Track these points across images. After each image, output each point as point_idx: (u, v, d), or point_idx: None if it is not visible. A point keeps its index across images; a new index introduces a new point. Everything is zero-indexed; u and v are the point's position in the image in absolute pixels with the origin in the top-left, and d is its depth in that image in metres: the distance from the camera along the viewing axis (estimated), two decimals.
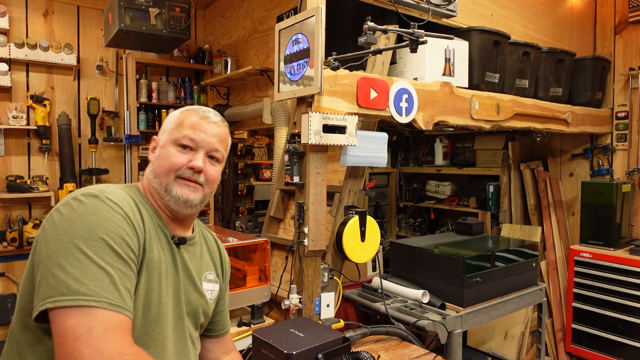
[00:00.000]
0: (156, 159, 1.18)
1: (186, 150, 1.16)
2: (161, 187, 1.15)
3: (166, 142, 1.17)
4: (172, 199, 1.14)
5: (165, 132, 1.19)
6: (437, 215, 4.60)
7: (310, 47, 1.81)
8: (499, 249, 2.52)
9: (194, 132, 1.16)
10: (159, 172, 1.16)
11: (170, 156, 1.15)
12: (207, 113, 1.21)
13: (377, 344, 2.00)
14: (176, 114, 1.22)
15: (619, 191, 3.27)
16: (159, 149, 1.19)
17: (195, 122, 1.17)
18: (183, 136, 1.16)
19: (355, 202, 2.20)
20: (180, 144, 1.15)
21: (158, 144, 1.20)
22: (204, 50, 4.23)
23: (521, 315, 3.36)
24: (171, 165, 1.14)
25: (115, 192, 1.08)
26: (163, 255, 1.13)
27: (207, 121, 1.19)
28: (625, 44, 3.56)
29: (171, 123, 1.20)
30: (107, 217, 1.00)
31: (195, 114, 1.19)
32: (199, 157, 1.16)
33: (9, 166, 3.57)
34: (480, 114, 2.48)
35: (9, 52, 3.45)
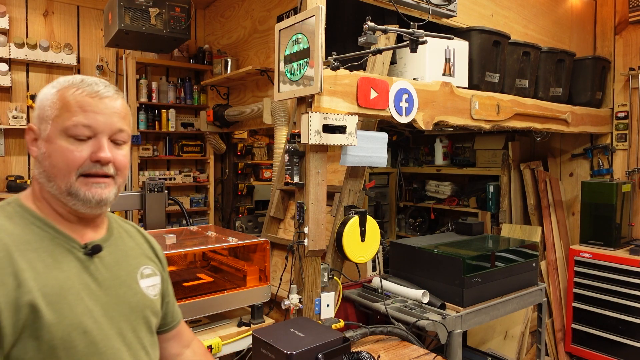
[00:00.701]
0: (44, 158, 0.93)
1: (82, 140, 0.93)
2: (61, 191, 0.93)
3: (53, 134, 0.93)
4: (81, 202, 0.94)
5: (47, 121, 0.94)
6: (437, 215, 4.60)
7: (310, 47, 1.81)
8: (499, 249, 2.52)
9: (86, 115, 0.93)
10: (54, 174, 0.93)
11: (65, 152, 0.92)
12: (96, 86, 0.96)
13: (377, 344, 2.00)
14: (52, 93, 0.95)
15: (619, 191, 3.27)
16: (44, 143, 0.94)
17: (86, 103, 0.93)
18: (74, 125, 0.92)
19: (355, 202, 2.20)
20: (73, 134, 0.92)
21: (39, 137, 0.95)
22: (204, 50, 4.23)
23: (521, 315, 3.36)
24: (69, 163, 0.92)
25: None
26: (68, 279, 0.92)
27: (100, 97, 0.95)
28: (625, 44, 3.56)
29: (51, 107, 0.94)
30: None
31: (81, 90, 0.94)
32: (103, 145, 0.94)
33: (9, 166, 3.57)
34: (480, 114, 2.48)
35: (9, 52, 3.45)
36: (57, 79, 0.99)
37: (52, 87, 0.97)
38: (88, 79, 0.97)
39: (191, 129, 4.28)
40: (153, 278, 1.12)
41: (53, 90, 0.95)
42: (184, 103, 4.25)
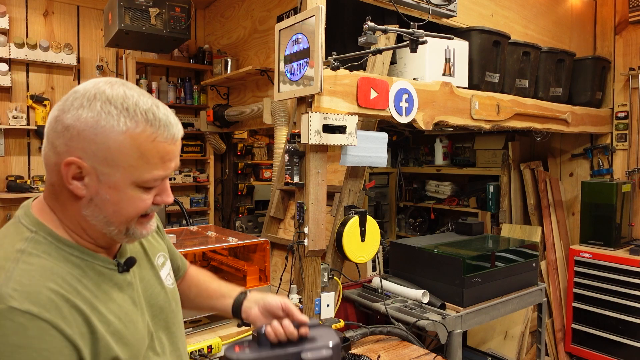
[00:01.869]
0: (107, 204, 0.82)
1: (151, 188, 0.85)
2: (120, 233, 0.85)
3: (123, 183, 0.81)
4: (134, 239, 0.88)
5: (114, 166, 0.79)
6: (437, 215, 4.60)
7: (310, 47, 1.81)
8: (499, 249, 2.52)
9: (165, 167, 0.83)
10: (118, 220, 0.84)
11: (137, 201, 0.83)
12: (171, 126, 0.83)
13: (377, 344, 2.00)
14: (121, 134, 0.78)
15: (619, 191, 3.27)
16: (107, 189, 0.81)
17: (164, 152, 0.82)
18: (154, 179, 0.83)
19: (355, 202, 2.20)
20: (149, 186, 0.84)
21: (93, 177, 0.80)
22: (204, 50, 4.23)
23: (521, 315, 3.36)
24: (139, 211, 0.85)
25: (20, 282, 0.73)
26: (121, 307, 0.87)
27: (174, 141, 0.84)
28: (625, 44, 3.56)
29: (123, 153, 0.79)
30: (17, 344, 0.69)
31: (158, 135, 0.81)
32: (169, 190, 0.88)
33: (9, 166, 3.57)
34: (480, 114, 2.48)
35: (9, 52, 3.45)
36: (109, 97, 0.79)
37: (116, 121, 0.78)
38: (158, 113, 0.81)
39: (191, 129, 4.28)
40: (166, 265, 1.07)
41: (121, 128, 0.78)
42: (184, 103, 4.25)
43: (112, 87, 0.80)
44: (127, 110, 0.79)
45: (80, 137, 0.78)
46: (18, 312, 0.70)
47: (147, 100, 0.82)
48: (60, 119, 0.79)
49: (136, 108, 0.79)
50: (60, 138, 0.79)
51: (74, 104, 0.79)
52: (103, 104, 0.78)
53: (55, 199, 0.85)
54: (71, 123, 0.78)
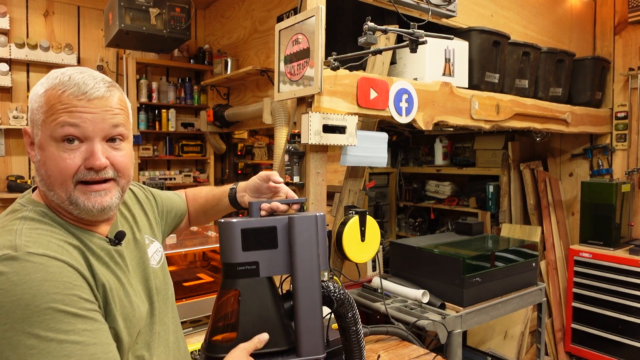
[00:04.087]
0: (40, 165, 0.87)
1: (73, 143, 0.85)
2: (62, 200, 0.87)
3: (44, 140, 0.85)
4: (83, 211, 0.88)
5: (37, 125, 0.86)
6: (437, 215, 4.60)
7: (310, 47, 1.81)
8: (499, 249, 2.53)
9: (72, 115, 0.84)
10: (52, 183, 0.86)
11: (57, 159, 0.85)
12: (85, 86, 0.86)
13: (377, 343, 2.00)
14: (40, 94, 0.86)
15: (618, 191, 3.27)
16: (38, 150, 0.87)
17: (71, 105, 0.84)
18: (61, 126, 0.83)
19: (355, 202, 2.20)
20: (60, 137, 0.84)
21: (35, 142, 0.88)
22: (204, 50, 4.23)
23: (521, 315, 3.36)
24: (62, 171, 0.85)
25: (30, 236, 0.80)
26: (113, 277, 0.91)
27: (88, 98, 0.85)
28: (625, 44, 3.56)
29: (39, 110, 0.86)
30: (42, 279, 0.75)
31: (67, 91, 0.84)
32: (97, 149, 0.86)
33: (9, 166, 3.57)
34: (480, 114, 2.48)
35: (10, 53, 3.45)
36: (49, 73, 0.89)
37: (40, 86, 0.88)
38: (77, 76, 0.86)
39: (191, 129, 4.29)
40: (153, 245, 1.11)
41: (41, 90, 0.87)
42: (184, 103, 4.26)
43: (64, 70, 0.89)
44: (50, 76, 0.88)
45: (29, 108, 0.90)
46: (36, 256, 0.77)
47: (77, 72, 0.88)
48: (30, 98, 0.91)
49: (62, 76, 0.87)
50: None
51: None
52: (44, 80, 0.89)
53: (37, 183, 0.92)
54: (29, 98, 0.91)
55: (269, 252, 1.00)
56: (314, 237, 1.01)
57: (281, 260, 1.01)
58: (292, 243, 1.00)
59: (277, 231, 1.01)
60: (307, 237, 1.00)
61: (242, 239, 0.99)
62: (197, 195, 1.41)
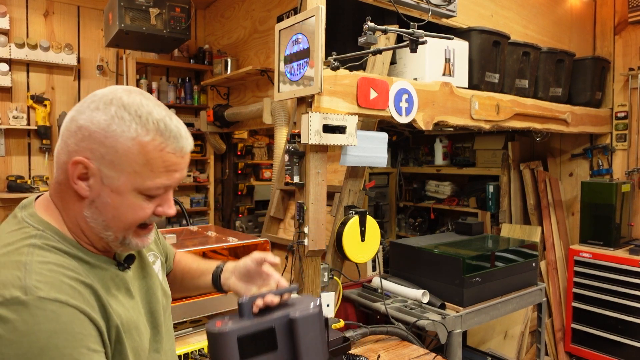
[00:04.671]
0: (107, 208, 0.83)
1: (153, 197, 0.86)
2: (116, 240, 0.86)
3: (125, 188, 0.82)
4: (124, 248, 0.88)
5: (119, 170, 0.80)
6: (437, 215, 4.60)
7: (310, 47, 1.81)
8: (499, 249, 2.53)
9: (169, 177, 0.84)
10: (116, 226, 0.84)
11: (137, 209, 0.84)
12: (181, 139, 0.84)
13: (377, 343, 2.00)
14: (131, 140, 0.79)
15: (618, 191, 3.27)
16: (109, 192, 0.82)
17: (170, 163, 0.83)
18: (157, 187, 0.83)
19: (355, 202, 2.20)
20: (151, 194, 0.84)
21: (98, 179, 0.81)
22: (204, 50, 4.23)
23: (521, 315, 3.37)
24: (137, 220, 0.85)
25: (41, 274, 0.75)
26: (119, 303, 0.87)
27: (182, 154, 0.85)
28: (625, 44, 3.56)
29: (129, 159, 0.80)
30: (52, 330, 0.71)
31: (167, 145, 0.82)
32: (171, 202, 0.88)
33: (9, 166, 3.57)
34: (480, 114, 2.48)
35: (10, 53, 3.45)
36: (124, 104, 0.81)
37: (127, 127, 0.79)
38: (170, 124, 0.83)
39: (191, 129, 4.29)
40: (157, 263, 1.08)
41: (131, 134, 0.79)
42: (184, 103, 4.26)
43: (129, 95, 0.83)
44: (140, 118, 0.81)
45: (91, 138, 0.80)
46: (47, 301, 0.72)
47: (161, 111, 0.83)
48: (75, 119, 0.82)
49: (149, 116, 0.81)
50: (72, 137, 0.81)
51: (90, 106, 0.82)
52: (117, 109, 0.80)
53: (60, 197, 0.86)
54: (84, 124, 0.80)
55: (268, 356, 0.94)
56: (318, 334, 0.96)
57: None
58: (297, 346, 0.94)
59: (276, 332, 0.95)
60: (312, 337, 0.95)
61: (239, 348, 0.92)
62: (181, 258, 1.30)
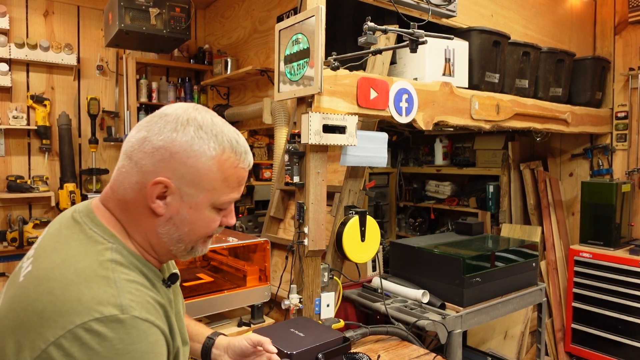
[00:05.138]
0: (184, 223, 0.86)
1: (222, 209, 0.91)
2: (185, 250, 0.90)
3: (203, 204, 0.86)
4: (190, 255, 0.93)
5: (199, 189, 0.85)
6: (437, 215, 4.60)
7: (310, 47, 1.81)
8: (499, 249, 2.53)
9: (239, 190, 0.90)
10: (190, 239, 0.89)
11: (210, 222, 0.89)
12: (250, 157, 0.91)
13: (377, 343, 2.00)
14: (211, 159, 0.84)
15: (618, 191, 3.27)
16: (187, 209, 0.85)
17: (243, 177, 0.90)
18: (230, 201, 0.89)
19: (355, 202, 2.20)
20: (223, 208, 0.90)
21: (176, 197, 0.84)
22: (204, 50, 4.23)
23: (521, 315, 3.36)
24: (209, 232, 0.90)
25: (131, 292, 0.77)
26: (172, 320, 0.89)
27: (249, 167, 0.92)
28: (625, 44, 3.56)
29: (209, 178, 0.85)
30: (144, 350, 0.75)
31: (243, 163, 0.88)
32: (234, 212, 0.94)
33: (9, 166, 3.57)
34: (480, 114, 2.48)
35: (9, 52, 3.45)
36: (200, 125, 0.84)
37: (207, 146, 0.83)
38: (240, 140, 0.88)
39: None
40: None
41: (211, 153, 0.84)
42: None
43: (201, 114, 0.86)
44: (216, 137, 0.85)
45: (172, 158, 0.82)
46: (140, 321, 0.75)
47: (230, 128, 0.89)
48: (150, 140, 0.83)
49: (223, 136, 0.86)
50: (148, 158, 0.83)
51: (166, 127, 0.83)
52: (196, 130, 0.84)
53: (127, 213, 0.86)
54: (163, 145, 0.82)
55: None
56: None
57: None
58: None
59: None
60: None
61: None
62: None
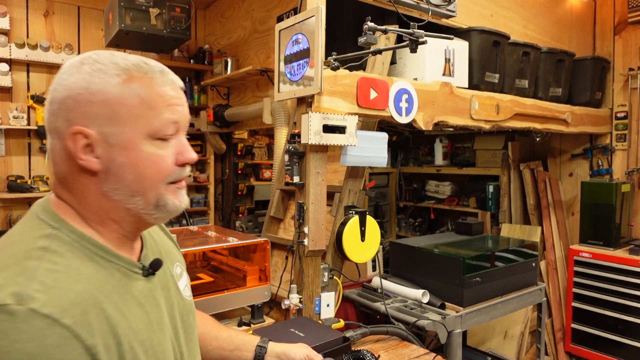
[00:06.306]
0: (124, 169, 0.74)
1: (168, 141, 0.78)
2: (148, 205, 0.77)
3: (135, 139, 0.74)
4: (167, 213, 0.79)
5: (124, 123, 0.73)
6: (437, 215, 4.60)
7: (310, 47, 1.81)
8: (499, 249, 2.53)
9: (173, 110, 0.77)
10: (142, 187, 0.76)
11: (156, 159, 0.76)
12: (170, 75, 0.79)
13: (377, 343, 2.00)
14: (117, 86, 0.73)
15: (618, 191, 3.27)
16: (119, 151, 0.74)
17: (170, 96, 0.77)
18: (165, 124, 0.76)
19: (355, 202, 2.20)
20: (161, 136, 0.76)
21: (101, 143, 0.73)
22: (204, 50, 4.23)
23: (521, 315, 3.37)
24: (161, 171, 0.77)
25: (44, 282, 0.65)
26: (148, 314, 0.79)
27: (176, 87, 0.79)
28: (625, 44, 3.56)
29: (124, 104, 0.73)
30: (32, 352, 0.61)
31: (158, 80, 0.76)
32: (189, 147, 0.80)
33: (9, 166, 3.57)
34: (480, 114, 2.48)
35: (10, 53, 3.45)
36: (96, 59, 0.74)
37: (108, 75, 0.73)
38: (149, 62, 0.77)
39: (191, 129, 4.28)
40: (184, 276, 0.98)
41: (115, 80, 0.73)
42: None
43: (96, 52, 0.77)
44: (117, 64, 0.74)
45: (77, 103, 0.72)
46: (38, 316, 0.62)
47: (135, 56, 0.78)
48: (54, 99, 0.74)
49: (126, 61, 0.75)
50: (59, 117, 0.73)
51: (61, 76, 0.75)
52: (92, 65, 0.74)
53: (69, 191, 0.77)
54: (65, 94, 0.73)
55: None
56: None
57: None
58: None
59: None
60: None
61: None
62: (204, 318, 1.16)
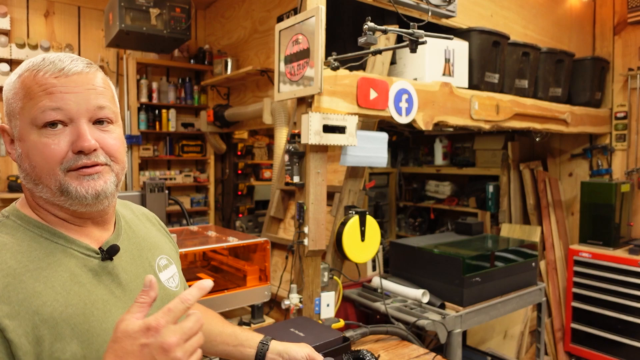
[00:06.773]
0: (23, 159, 0.80)
1: (57, 128, 0.78)
2: (52, 192, 0.79)
3: (24, 130, 0.78)
4: (76, 200, 0.79)
5: (15, 116, 0.80)
6: (437, 215, 4.60)
7: (310, 48, 1.82)
8: (499, 249, 2.53)
9: (53, 98, 0.77)
10: (38, 175, 0.79)
11: (41, 147, 0.77)
12: (61, 62, 0.80)
13: (377, 343, 2.00)
14: (14, 81, 0.80)
15: (618, 191, 3.27)
16: (18, 142, 0.80)
17: (50, 85, 0.77)
18: (41, 111, 0.77)
19: (355, 202, 2.20)
20: (42, 123, 0.77)
21: (14, 137, 0.81)
22: (204, 50, 4.24)
23: (520, 314, 3.37)
24: (48, 159, 0.77)
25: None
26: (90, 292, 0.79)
27: (66, 75, 0.79)
28: (624, 44, 3.56)
29: (15, 98, 0.79)
30: None
31: (42, 71, 0.78)
32: (83, 130, 0.79)
33: (10, 166, 3.58)
34: (480, 114, 2.48)
35: (10, 53, 3.46)
36: (21, 64, 0.83)
37: (14, 75, 0.81)
38: (50, 56, 0.81)
39: (191, 129, 4.29)
40: (170, 268, 1.00)
41: (14, 77, 0.81)
42: (184, 103, 4.26)
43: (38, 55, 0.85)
44: (31, 62, 0.81)
45: (3, 102, 0.83)
46: None
47: (52, 55, 0.83)
48: None
49: (35, 59, 0.82)
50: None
51: None
52: (17, 69, 0.82)
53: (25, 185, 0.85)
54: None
55: None
56: None
57: None
58: None
59: None
60: None
61: None
62: (207, 314, 1.19)
